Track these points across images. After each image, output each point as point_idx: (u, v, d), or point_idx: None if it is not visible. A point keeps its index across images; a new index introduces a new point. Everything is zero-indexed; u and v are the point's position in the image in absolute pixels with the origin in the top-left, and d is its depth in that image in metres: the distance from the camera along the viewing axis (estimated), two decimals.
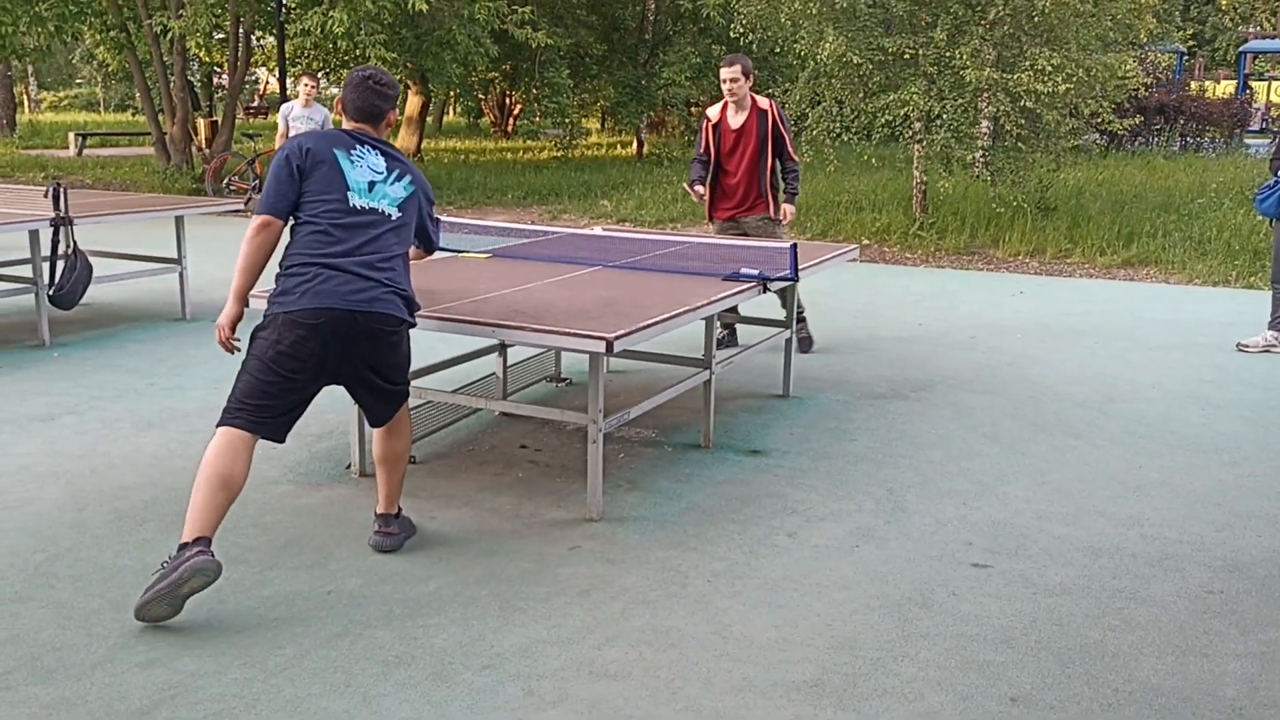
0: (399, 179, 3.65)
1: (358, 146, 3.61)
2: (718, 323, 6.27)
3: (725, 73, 6.38)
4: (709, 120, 6.59)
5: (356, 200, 3.53)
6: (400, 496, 3.85)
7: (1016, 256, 10.93)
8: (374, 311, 3.45)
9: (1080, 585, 3.58)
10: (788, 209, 6.56)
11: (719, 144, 6.54)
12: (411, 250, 3.81)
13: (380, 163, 3.62)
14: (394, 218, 3.60)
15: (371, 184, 3.57)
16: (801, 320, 6.83)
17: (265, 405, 3.42)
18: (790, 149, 6.52)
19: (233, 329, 3.62)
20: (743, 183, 6.53)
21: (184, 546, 3.24)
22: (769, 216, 6.57)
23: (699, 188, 6.54)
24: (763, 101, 6.49)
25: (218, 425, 3.42)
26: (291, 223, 3.54)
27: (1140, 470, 4.74)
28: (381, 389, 3.66)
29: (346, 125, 3.69)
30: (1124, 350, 7.03)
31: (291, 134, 9.70)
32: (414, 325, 3.69)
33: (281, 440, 3.51)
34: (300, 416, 3.54)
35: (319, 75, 9.40)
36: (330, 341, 3.42)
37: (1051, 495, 4.42)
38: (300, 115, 10.57)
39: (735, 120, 6.49)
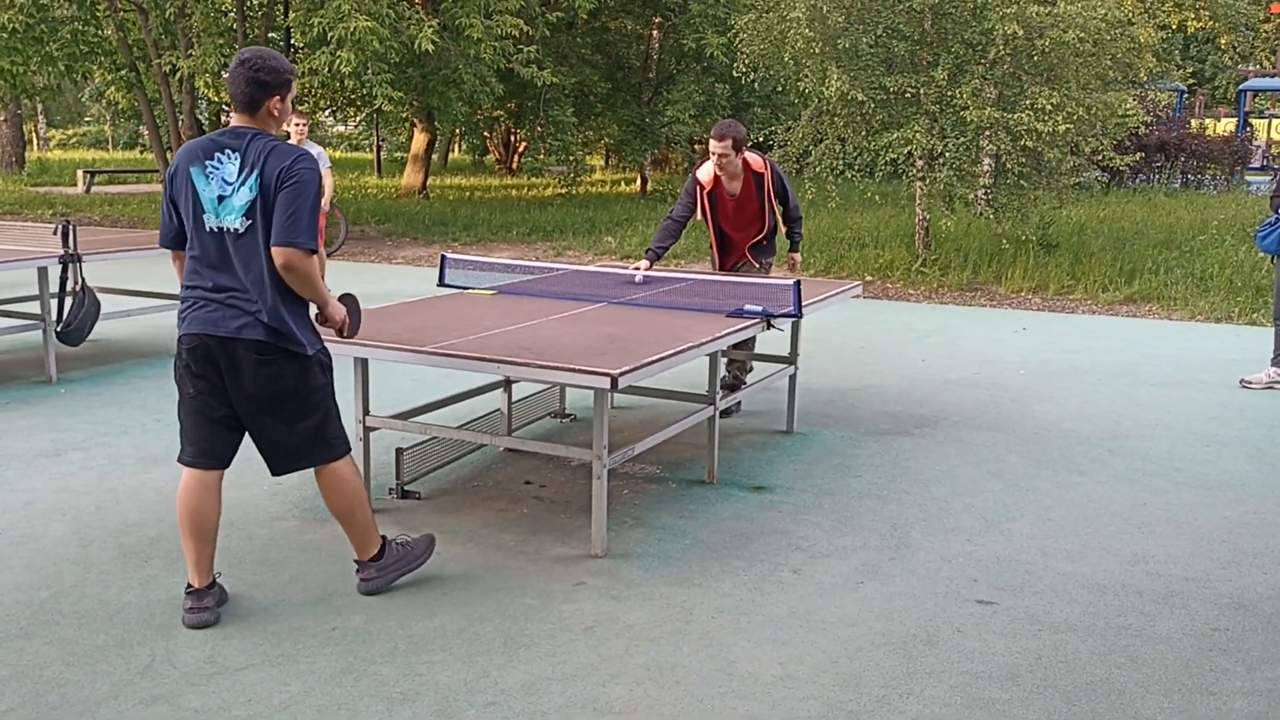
0: (244, 182, 3.27)
1: (216, 154, 3.31)
2: (723, 367, 6.14)
3: (715, 146, 5.88)
4: (700, 185, 6.07)
5: (210, 221, 3.31)
6: (373, 543, 3.66)
7: (1019, 293, 10.96)
8: (238, 338, 3.30)
9: (1086, 622, 3.58)
10: (794, 258, 6.49)
11: (716, 211, 6.15)
12: (276, 253, 3.26)
13: (234, 169, 3.29)
14: (241, 230, 3.29)
15: (220, 198, 3.29)
16: (739, 383, 6.30)
17: (194, 431, 3.44)
18: (795, 204, 6.21)
19: None
20: (749, 241, 6.24)
21: (188, 591, 3.49)
22: (763, 269, 6.33)
23: (643, 264, 6.03)
24: (756, 162, 6.05)
25: (178, 459, 3.52)
26: None
27: (1145, 507, 4.74)
28: (265, 431, 3.44)
29: (232, 119, 3.42)
30: (1127, 387, 7.03)
31: None
32: (293, 353, 3.37)
33: (223, 465, 3.47)
34: (235, 436, 3.47)
35: (313, 113, 9.08)
36: (208, 367, 3.35)
37: (1056, 532, 4.41)
38: None
39: (732, 187, 6.06)
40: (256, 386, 3.35)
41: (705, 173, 6.10)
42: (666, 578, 3.90)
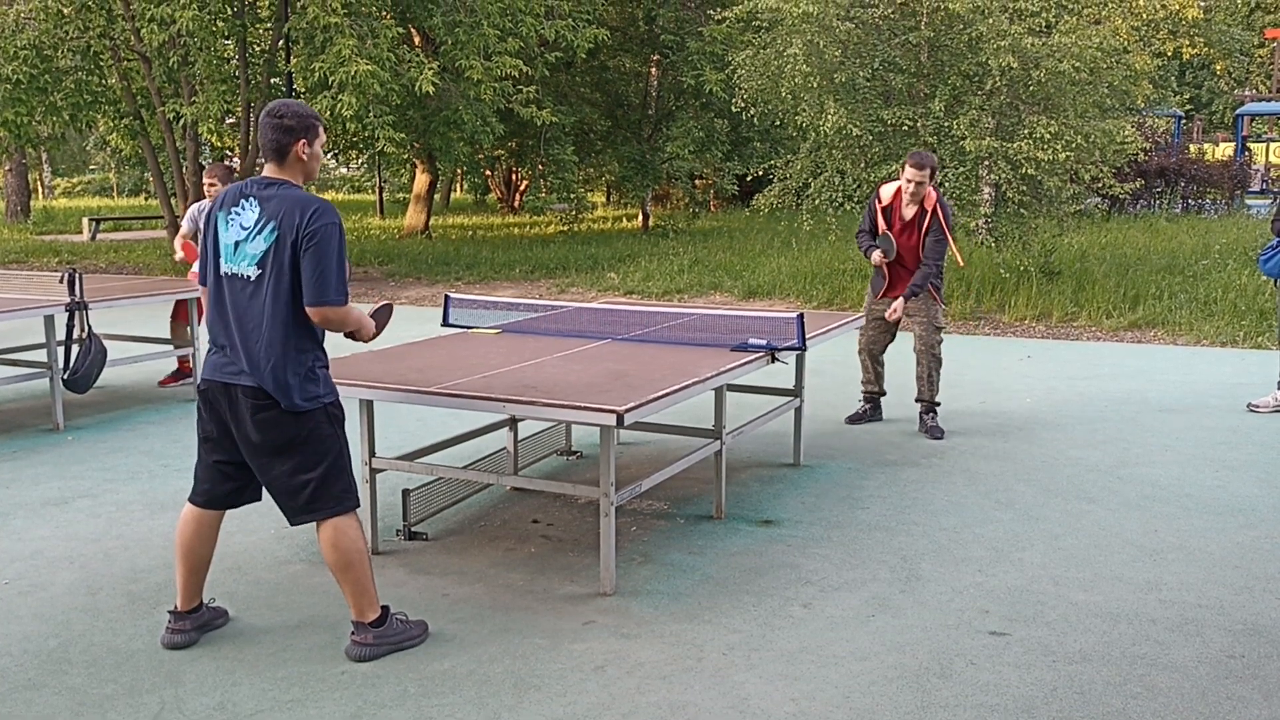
0: (261, 230, 3.31)
1: (241, 201, 3.38)
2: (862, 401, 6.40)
3: (913, 174, 6.28)
4: (880, 201, 6.53)
5: (225, 266, 3.40)
6: (371, 607, 3.53)
7: (1023, 321, 10.96)
8: (237, 384, 3.37)
9: (1100, 652, 3.55)
10: (897, 305, 6.53)
11: (890, 225, 6.52)
12: (311, 312, 3.32)
13: (253, 215, 3.34)
14: (251, 278, 3.34)
15: (237, 245, 3.37)
16: None
17: (207, 475, 3.55)
18: (933, 248, 6.41)
19: None
20: (906, 268, 6.56)
21: (170, 611, 3.65)
22: (930, 297, 6.61)
23: (877, 254, 6.51)
24: (930, 199, 6.40)
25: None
26: None
27: (1156, 534, 4.71)
28: (269, 479, 3.44)
29: (265, 171, 3.46)
30: (1135, 413, 7.02)
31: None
32: (291, 409, 3.34)
33: (255, 499, 3.61)
34: (238, 483, 3.55)
35: (230, 169, 8.33)
36: (214, 413, 3.46)
37: (1068, 561, 4.39)
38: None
39: (907, 211, 6.46)
40: (257, 433, 3.38)
41: (887, 191, 6.56)
42: (676, 614, 3.88)
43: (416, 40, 18.41)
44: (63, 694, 3.31)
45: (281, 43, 15.21)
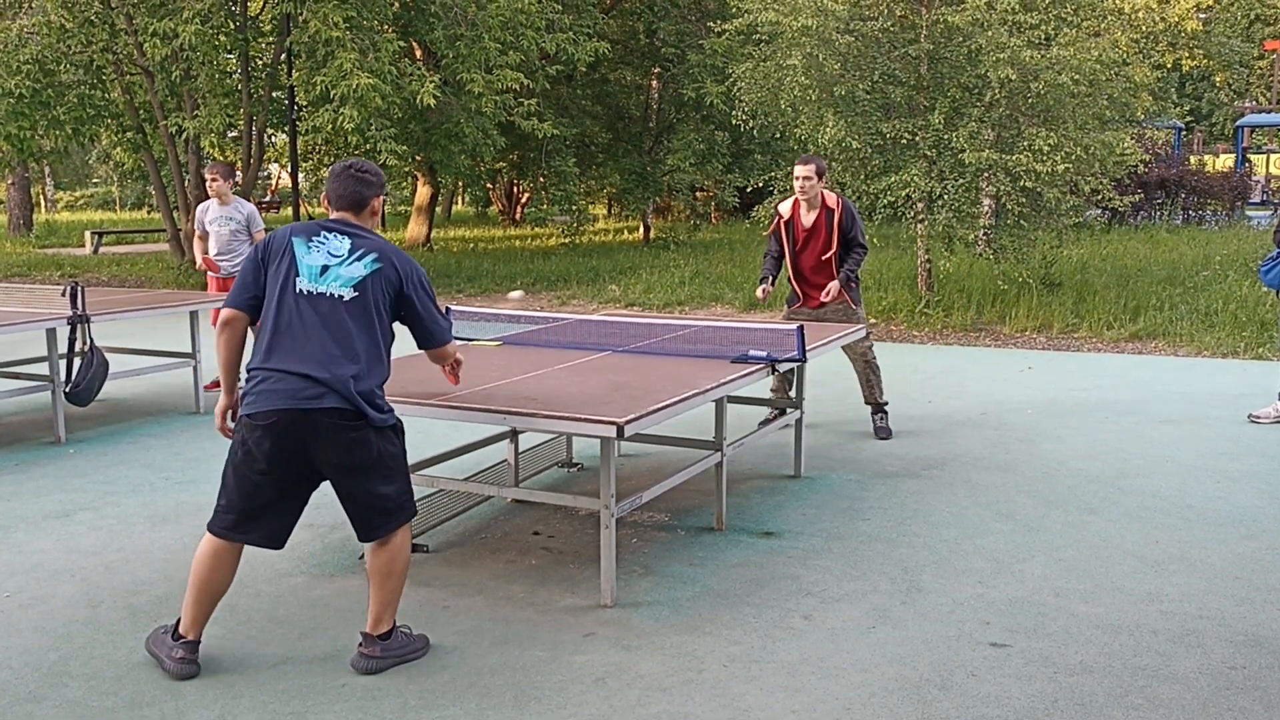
0: (360, 258, 3.47)
1: (323, 234, 3.50)
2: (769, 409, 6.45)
3: (800, 170, 6.43)
4: (780, 216, 6.64)
5: (304, 285, 3.42)
6: (390, 620, 3.57)
7: (1024, 332, 10.98)
8: (322, 407, 3.33)
9: (1101, 664, 3.55)
10: (832, 285, 6.56)
11: (792, 240, 6.62)
12: (434, 352, 3.77)
13: (343, 246, 3.48)
14: (347, 299, 3.42)
15: (325, 268, 3.44)
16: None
17: (243, 509, 3.45)
18: (860, 236, 6.59)
19: (223, 418, 3.65)
20: (818, 276, 6.61)
21: (174, 634, 3.53)
22: (846, 303, 6.65)
23: (764, 287, 6.61)
24: (831, 199, 6.53)
25: (208, 526, 3.51)
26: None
27: (1157, 545, 4.71)
28: (357, 496, 3.47)
29: (331, 216, 3.61)
30: (1135, 424, 7.02)
31: (212, 239, 8.29)
32: (378, 424, 3.44)
33: (278, 547, 3.53)
34: (292, 517, 3.52)
35: (230, 166, 8.52)
36: (286, 442, 3.36)
37: (1069, 572, 4.39)
38: (217, 216, 8.29)
39: (807, 218, 6.55)
40: (346, 455, 3.39)
41: (785, 206, 6.68)
42: (677, 626, 3.88)
43: (418, 54, 18.48)
44: (63, 707, 3.31)
45: (283, 57, 15.27)
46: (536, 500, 4.95)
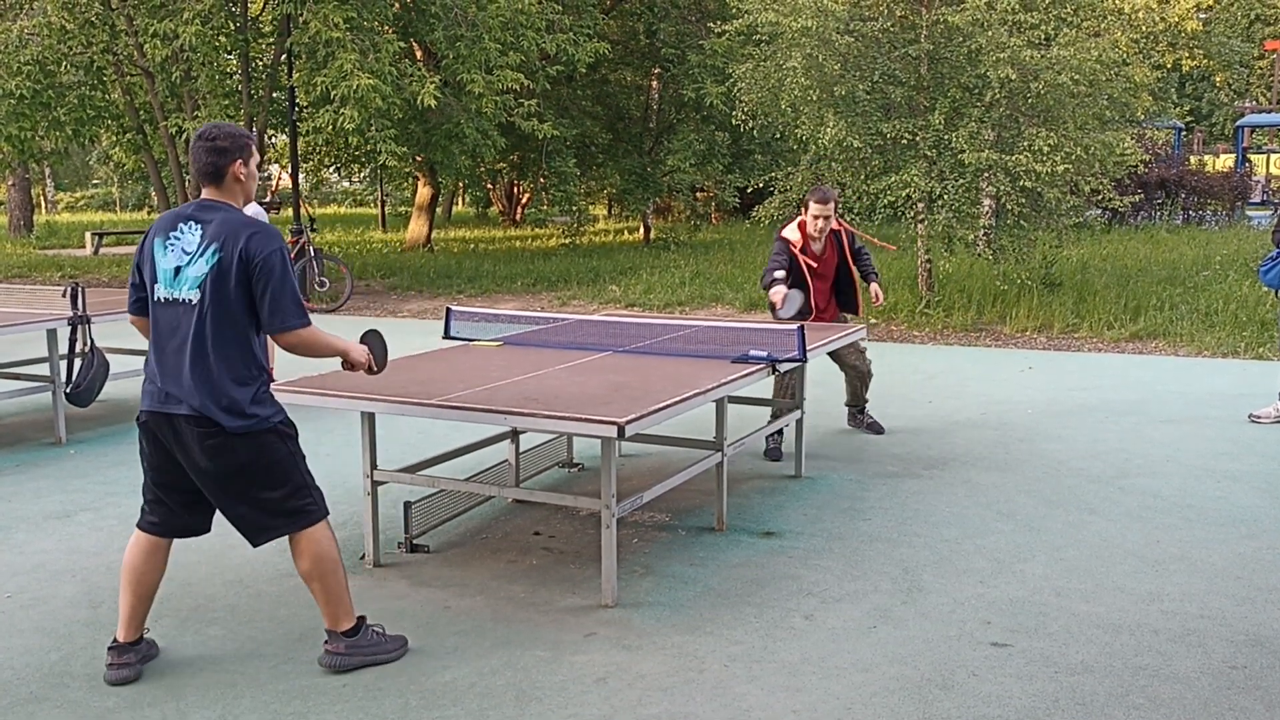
0: (203, 253, 3.28)
1: (180, 225, 3.34)
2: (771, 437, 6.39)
3: (818, 210, 6.29)
4: (792, 244, 6.39)
5: (161, 292, 3.34)
6: (346, 616, 3.52)
7: (1024, 332, 10.97)
8: (178, 414, 3.28)
9: (1102, 663, 3.55)
10: (875, 289, 6.65)
11: (802, 268, 6.42)
12: (279, 340, 3.37)
13: (195, 239, 3.30)
14: (193, 303, 3.28)
15: (178, 269, 3.31)
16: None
17: (153, 503, 3.49)
18: (863, 248, 6.68)
19: None
20: (827, 299, 6.62)
21: (110, 646, 3.50)
22: (843, 317, 6.74)
23: (779, 289, 6.16)
24: (834, 226, 6.50)
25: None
26: None
27: (1158, 545, 4.71)
28: (227, 502, 3.39)
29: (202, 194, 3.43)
30: (1136, 424, 7.02)
31: None
32: (238, 431, 3.29)
33: (203, 531, 3.54)
34: (198, 510, 3.48)
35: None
36: (159, 443, 3.38)
37: (1070, 572, 4.39)
38: None
39: (817, 247, 6.48)
40: (207, 461, 3.31)
41: (792, 233, 6.42)
42: (678, 626, 3.88)
43: (418, 54, 18.49)
44: (64, 707, 3.31)
45: (284, 57, 15.27)
46: (537, 500, 4.95)
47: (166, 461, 3.40)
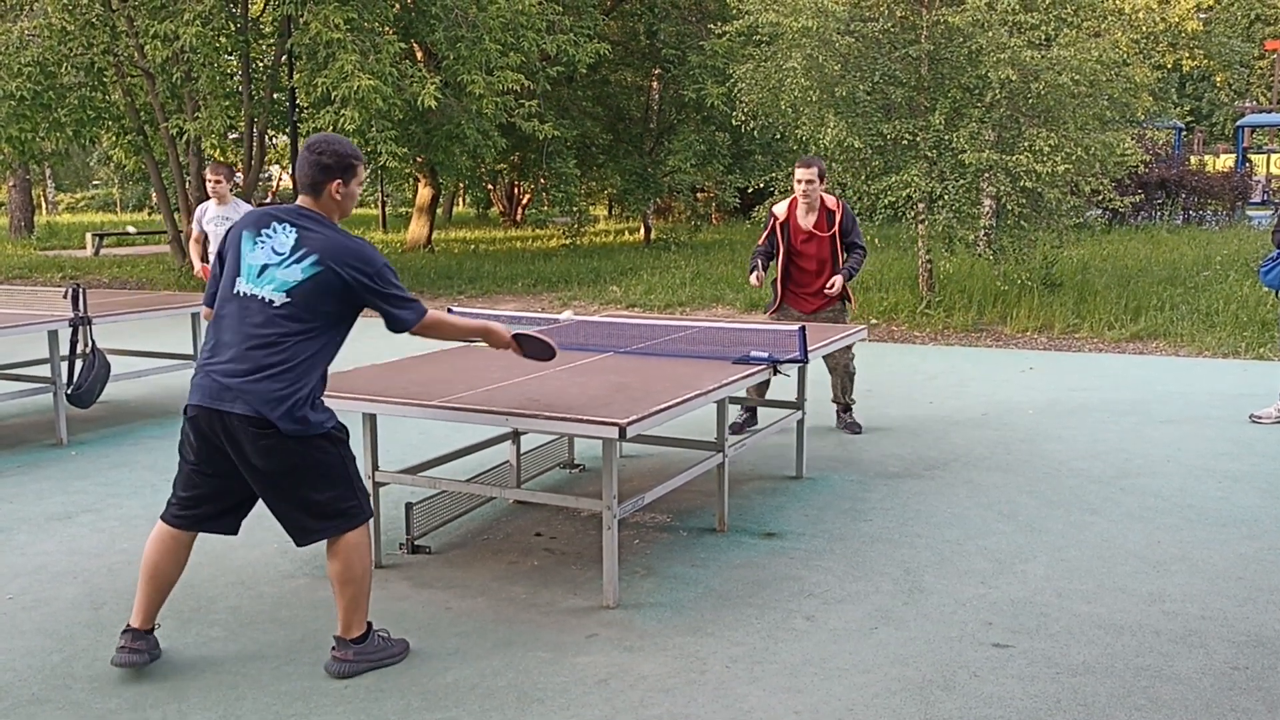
0: (299, 260, 3.31)
1: (273, 225, 3.37)
2: (738, 406, 6.50)
3: (802, 173, 6.43)
4: (776, 218, 6.60)
5: (241, 285, 3.35)
6: (360, 624, 3.52)
7: (1024, 333, 10.97)
8: (234, 412, 3.26)
9: (1104, 664, 3.55)
10: (836, 279, 6.58)
11: (789, 241, 6.60)
12: (414, 332, 3.53)
13: (288, 242, 3.33)
14: (276, 304, 3.29)
15: (264, 268, 3.33)
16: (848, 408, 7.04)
17: (186, 497, 3.47)
18: (859, 238, 6.66)
19: None
20: (817, 279, 6.63)
21: (125, 629, 3.51)
22: (841, 307, 6.74)
23: (757, 273, 6.53)
24: (830, 200, 6.57)
25: (161, 514, 3.56)
26: None
27: (1159, 545, 4.71)
28: (276, 501, 3.41)
29: (297, 200, 3.49)
30: (1137, 424, 7.02)
31: (211, 239, 8.05)
32: (293, 435, 3.30)
33: (230, 532, 3.55)
34: (237, 508, 3.51)
35: (230, 167, 8.45)
36: (207, 438, 3.35)
37: (1071, 572, 4.39)
38: (215, 216, 8.11)
39: (806, 220, 6.55)
40: (260, 459, 3.32)
41: (781, 208, 6.66)
42: (679, 627, 3.88)
43: (419, 55, 18.50)
44: (66, 709, 3.31)
45: (284, 58, 15.28)
46: (538, 501, 4.96)
47: (214, 455, 3.38)
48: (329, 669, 3.51)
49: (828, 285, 6.58)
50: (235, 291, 3.35)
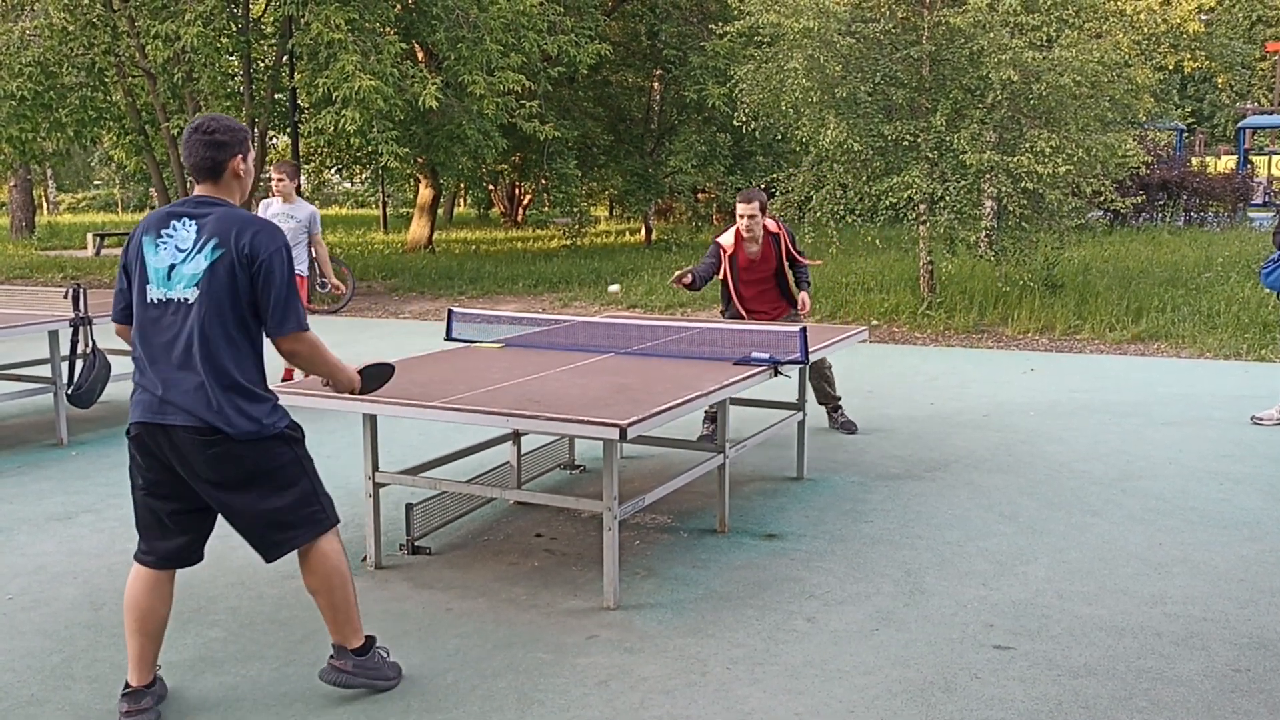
0: (201, 249, 3.07)
1: (172, 223, 3.13)
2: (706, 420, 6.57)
3: (743, 209, 6.42)
4: (724, 249, 6.53)
5: (153, 293, 3.10)
6: (355, 633, 3.37)
7: (1026, 334, 10.96)
8: (175, 424, 3.05)
9: (1105, 666, 3.54)
10: (804, 297, 6.65)
11: (735, 272, 6.58)
12: (280, 344, 3.17)
13: (190, 236, 3.10)
14: (190, 300, 3.06)
15: (171, 268, 3.09)
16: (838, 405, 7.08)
17: (146, 528, 3.22)
18: (799, 256, 6.69)
19: None
20: (767, 299, 6.68)
21: (124, 692, 3.22)
22: (793, 314, 6.76)
23: (681, 280, 6.30)
24: (771, 225, 6.57)
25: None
26: None
27: (1161, 547, 4.70)
28: (237, 513, 3.16)
29: (195, 190, 3.23)
30: (1138, 426, 7.01)
31: None
32: (243, 438, 3.08)
33: (189, 564, 3.28)
34: (193, 533, 3.24)
35: (296, 165, 8.44)
36: (154, 455, 3.13)
37: (1072, 574, 4.38)
38: (278, 213, 8.13)
39: (752, 251, 6.56)
40: (210, 472, 3.09)
41: (727, 239, 6.57)
42: (680, 629, 3.87)
43: (420, 56, 18.50)
44: (66, 709, 3.31)
45: (285, 59, 15.28)
46: (539, 502, 4.95)
47: (163, 475, 3.15)
48: (324, 676, 3.38)
49: (799, 305, 6.66)
50: (149, 300, 3.11)
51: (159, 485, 3.17)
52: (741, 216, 6.46)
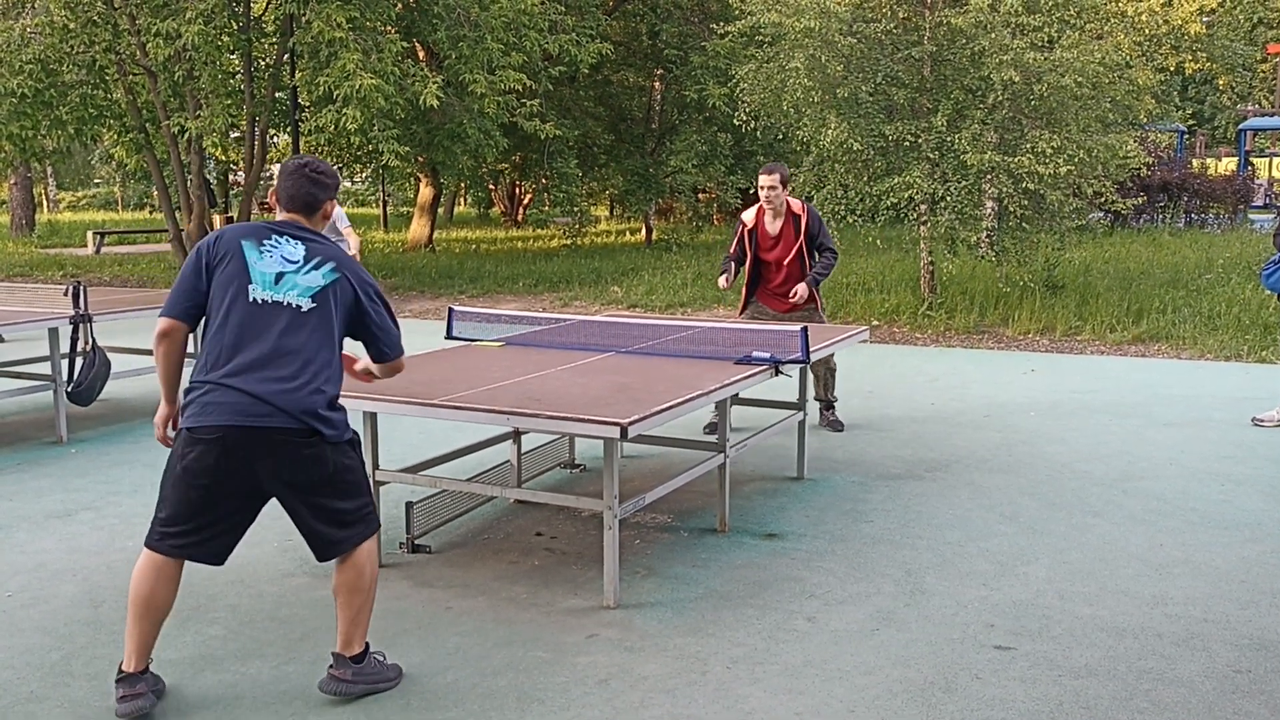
0: (317, 267, 3.30)
1: (274, 237, 3.32)
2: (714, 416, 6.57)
3: (764, 180, 6.52)
4: (745, 225, 6.67)
5: (258, 294, 3.22)
6: (361, 639, 3.38)
7: (1027, 335, 10.96)
8: (274, 427, 3.13)
9: (1106, 667, 3.53)
10: (800, 287, 6.60)
11: (756, 248, 6.66)
12: (377, 368, 3.63)
13: (298, 251, 3.31)
14: (304, 309, 3.24)
15: (280, 275, 3.25)
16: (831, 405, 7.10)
17: (184, 527, 3.21)
18: (829, 241, 6.70)
19: (163, 428, 3.52)
20: (785, 282, 6.68)
21: (119, 677, 3.24)
22: (813, 308, 6.76)
23: (727, 275, 6.59)
24: (796, 205, 6.62)
25: (145, 541, 3.27)
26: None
27: (1162, 548, 4.70)
28: (310, 512, 3.26)
29: (279, 217, 3.42)
30: (1139, 427, 7.01)
31: None
32: (333, 440, 3.23)
33: (218, 563, 3.29)
34: (237, 533, 3.28)
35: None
36: (231, 459, 3.14)
37: (1073, 575, 4.38)
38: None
39: (773, 226, 6.61)
40: (297, 472, 3.19)
41: (749, 215, 6.71)
42: (680, 628, 3.87)
43: (421, 55, 18.49)
44: (65, 707, 3.30)
45: (286, 57, 15.26)
46: (539, 501, 4.94)
47: (235, 476, 3.16)
48: (324, 687, 3.34)
49: (791, 293, 6.62)
50: (252, 300, 3.22)
51: (225, 485, 3.19)
52: (762, 188, 6.53)
